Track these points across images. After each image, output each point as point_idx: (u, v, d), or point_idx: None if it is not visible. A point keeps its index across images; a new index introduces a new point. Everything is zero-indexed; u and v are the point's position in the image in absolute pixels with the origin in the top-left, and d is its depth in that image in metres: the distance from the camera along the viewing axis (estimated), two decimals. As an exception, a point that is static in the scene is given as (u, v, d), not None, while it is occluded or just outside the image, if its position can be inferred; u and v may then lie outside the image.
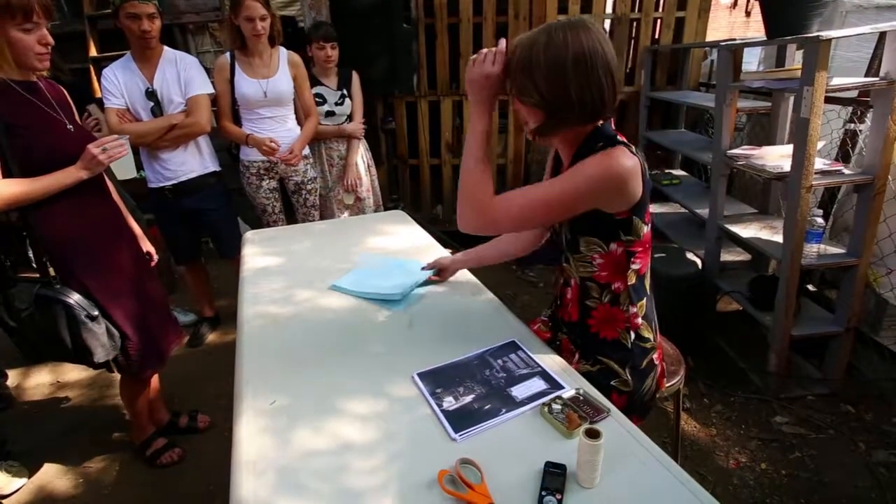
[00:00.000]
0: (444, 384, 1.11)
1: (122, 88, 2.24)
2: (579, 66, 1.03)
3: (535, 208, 1.12)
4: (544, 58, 1.04)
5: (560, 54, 1.03)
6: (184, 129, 2.32)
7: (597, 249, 1.19)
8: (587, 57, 1.03)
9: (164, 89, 2.28)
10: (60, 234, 1.55)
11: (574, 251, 1.23)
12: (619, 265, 1.20)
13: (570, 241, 1.22)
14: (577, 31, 1.04)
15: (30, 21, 1.40)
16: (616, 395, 1.22)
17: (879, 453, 1.90)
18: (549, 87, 1.06)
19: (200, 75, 2.35)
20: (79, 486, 1.91)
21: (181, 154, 2.38)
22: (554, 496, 0.84)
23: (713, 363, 2.41)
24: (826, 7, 2.02)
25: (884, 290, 2.16)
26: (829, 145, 2.49)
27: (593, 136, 1.14)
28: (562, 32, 1.04)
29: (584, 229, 1.18)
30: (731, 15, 7.36)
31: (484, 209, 1.15)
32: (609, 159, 1.07)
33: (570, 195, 1.09)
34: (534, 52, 1.06)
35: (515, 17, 3.38)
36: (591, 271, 1.23)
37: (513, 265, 3.51)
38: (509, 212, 1.13)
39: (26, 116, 1.46)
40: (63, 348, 1.57)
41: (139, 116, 2.29)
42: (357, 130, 2.81)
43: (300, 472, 0.92)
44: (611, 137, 1.12)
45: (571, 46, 1.03)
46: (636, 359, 1.25)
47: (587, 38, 1.04)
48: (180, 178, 2.40)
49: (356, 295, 1.52)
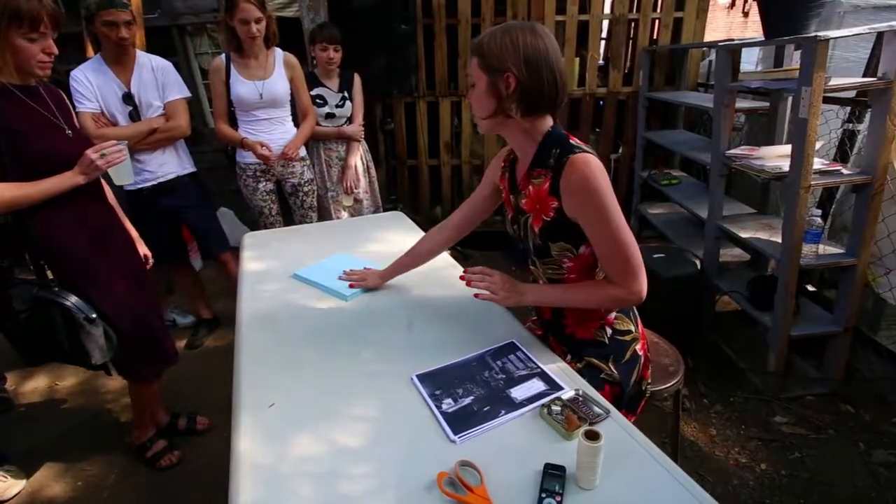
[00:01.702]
0: (444, 386, 1.11)
1: (96, 91, 2.19)
2: (546, 57, 1.11)
3: (631, 243, 1.14)
4: (522, 43, 1.10)
5: (536, 44, 1.11)
6: (166, 133, 2.32)
7: (567, 254, 1.21)
8: (546, 52, 1.11)
9: (142, 93, 2.26)
10: (57, 238, 1.55)
11: (544, 256, 1.24)
12: (587, 266, 1.22)
13: (539, 246, 1.23)
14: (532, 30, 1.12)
15: (36, 31, 1.40)
16: (609, 386, 1.25)
17: (879, 453, 1.90)
18: (527, 67, 1.10)
19: (177, 80, 2.35)
20: (77, 489, 1.91)
21: (160, 156, 2.37)
22: (553, 498, 0.83)
23: (712, 363, 2.41)
24: (824, 7, 2.02)
25: (882, 289, 2.17)
26: (828, 145, 2.49)
27: (549, 140, 1.18)
28: (520, 30, 1.12)
29: (556, 235, 1.20)
30: (728, 15, 7.37)
31: (625, 299, 1.17)
32: (600, 172, 1.11)
33: (615, 215, 1.12)
34: (512, 38, 1.10)
35: (514, 18, 3.38)
36: (560, 274, 1.25)
37: (512, 266, 3.51)
38: (636, 272, 1.14)
39: (25, 121, 1.46)
40: (61, 350, 1.57)
41: (115, 120, 2.25)
42: (357, 133, 2.81)
43: (299, 475, 0.92)
44: (563, 142, 1.16)
45: (534, 41, 1.11)
46: (617, 353, 1.28)
47: (541, 39, 1.12)
48: (159, 179, 2.38)
49: (311, 284, 1.61)
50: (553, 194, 1.16)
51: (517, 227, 1.31)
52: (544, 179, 1.18)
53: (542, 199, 1.19)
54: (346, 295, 1.53)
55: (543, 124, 1.19)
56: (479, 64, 1.14)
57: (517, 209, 1.29)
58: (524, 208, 1.25)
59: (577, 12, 3.38)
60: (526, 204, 1.24)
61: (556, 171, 1.15)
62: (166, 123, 2.31)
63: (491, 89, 1.14)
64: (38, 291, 1.53)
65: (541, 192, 1.19)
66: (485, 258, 3.61)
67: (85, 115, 2.18)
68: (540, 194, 1.19)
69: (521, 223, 1.28)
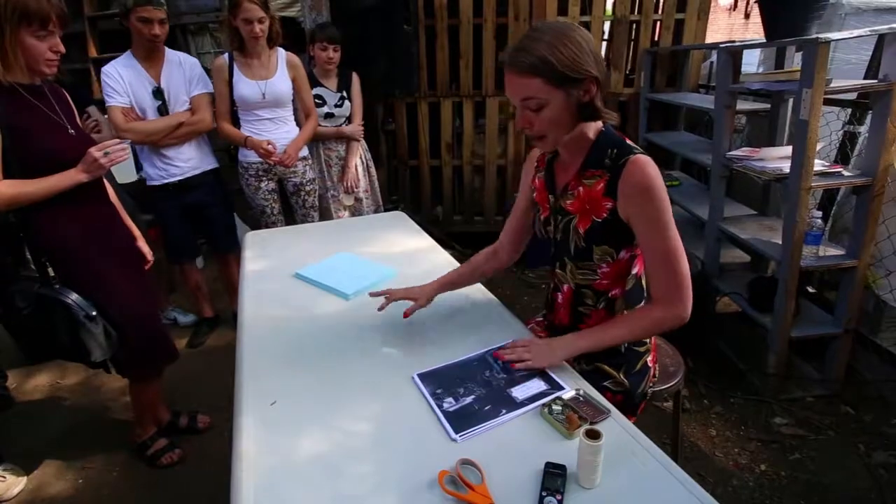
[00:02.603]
0: (445, 385, 1.11)
1: (127, 86, 2.26)
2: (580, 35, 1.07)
3: (683, 255, 1.13)
4: (583, 42, 1.05)
5: (587, 37, 1.07)
6: (192, 127, 2.40)
7: (607, 258, 1.19)
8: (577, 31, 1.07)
9: (172, 88, 2.34)
10: (58, 236, 1.55)
11: (583, 259, 1.21)
12: (620, 273, 1.21)
13: (581, 249, 1.20)
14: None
15: (45, 29, 1.42)
16: (610, 395, 1.22)
17: (879, 454, 1.90)
18: (599, 65, 1.07)
19: (203, 76, 2.45)
20: (79, 487, 1.91)
21: (187, 150, 2.44)
22: (554, 496, 0.84)
23: (713, 364, 2.41)
24: (825, 9, 2.02)
25: (882, 291, 2.17)
26: (829, 147, 2.49)
27: (603, 140, 1.15)
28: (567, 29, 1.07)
29: (603, 237, 1.17)
30: (730, 17, 7.38)
31: (669, 322, 1.16)
32: (659, 175, 1.08)
33: (672, 225, 1.10)
34: (572, 40, 1.05)
35: (515, 19, 3.38)
36: (592, 280, 1.23)
37: (513, 267, 3.51)
38: (682, 287, 1.15)
39: (29, 119, 1.47)
40: (61, 347, 1.58)
41: (146, 115, 2.33)
42: (356, 132, 2.81)
43: (300, 473, 0.92)
44: (620, 143, 1.14)
45: (584, 34, 1.07)
46: (630, 363, 1.27)
47: (579, 29, 1.08)
48: (186, 175, 2.45)
49: (313, 284, 1.62)
50: (609, 195, 1.13)
51: (551, 228, 1.27)
52: (599, 180, 1.15)
53: (594, 200, 1.16)
54: (348, 294, 1.53)
55: (592, 123, 1.16)
56: (547, 82, 1.05)
57: (556, 210, 1.24)
58: (569, 209, 1.20)
59: (579, 13, 3.38)
60: (572, 205, 1.20)
61: (613, 172, 1.12)
62: (192, 117, 2.39)
63: (568, 101, 1.07)
64: (39, 289, 1.54)
65: (594, 192, 1.15)
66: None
67: (115, 109, 2.25)
68: (593, 195, 1.16)
69: (559, 224, 1.24)
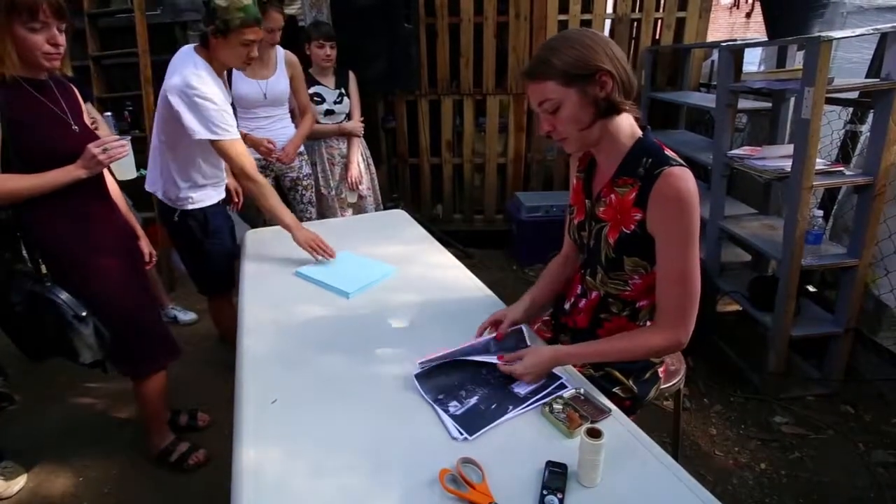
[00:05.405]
0: (445, 390, 1.11)
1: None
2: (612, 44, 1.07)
3: (697, 280, 1.07)
4: (592, 39, 1.05)
5: (600, 35, 1.07)
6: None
7: (640, 270, 1.15)
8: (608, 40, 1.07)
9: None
10: (54, 234, 1.53)
11: (615, 269, 1.17)
12: (652, 286, 1.15)
13: (613, 259, 1.16)
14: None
15: (36, 20, 1.38)
16: (616, 400, 1.19)
17: (878, 453, 1.90)
18: (611, 59, 1.05)
19: None
20: (79, 484, 1.91)
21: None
22: (555, 495, 0.84)
23: (713, 363, 2.41)
24: (827, 8, 2.02)
25: (882, 291, 2.17)
26: (830, 146, 2.49)
27: (638, 148, 1.11)
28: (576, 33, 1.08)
29: (633, 249, 1.13)
30: (731, 16, 7.36)
31: (666, 349, 1.12)
32: (695, 191, 1.04)
33: (695, 246, 1.06)
34: (580, 40, 1.05)
35: (516, 17, 3.38)
36: (623, 291, 1.19)
37: (513, 265, 3.51)
38: (687, 313, 1.07)
39: (31, 113, 1.45)
40: (54, 346, 1.55)
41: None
42: (356, 128, 2.82)
43: (301, 470, 0.92)
44: (657, 152, 1.09)
45: (594, 34, 1.07)
46: (640, 371, 1.26)
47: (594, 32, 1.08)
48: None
49: (314, 282, 1.62)
50: (638, 206, 1.09)
51: (585, 233, 1.24)
52: (631, 189, 1.10)
53: (624, 210, 1.11)
54: (349, 292, 1.53)
55: (628, 127, 1.12)
56: (559, 82, 1.04)
57: (591, 215, 1.21)
58: (601, 217, 1.17)
59: (580, 12, 3.38)
60: (605, 213, 1.16)
61: (645, 182, 1.07)
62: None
63: (584, 98, 1.05)
64: (31, 286, 1.50)
65: (625, 202, 1.11)
66: (486, 257, 3.61)
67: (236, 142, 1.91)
68: (623, 204, 1.12)
69: (592, 231, 1.21)
